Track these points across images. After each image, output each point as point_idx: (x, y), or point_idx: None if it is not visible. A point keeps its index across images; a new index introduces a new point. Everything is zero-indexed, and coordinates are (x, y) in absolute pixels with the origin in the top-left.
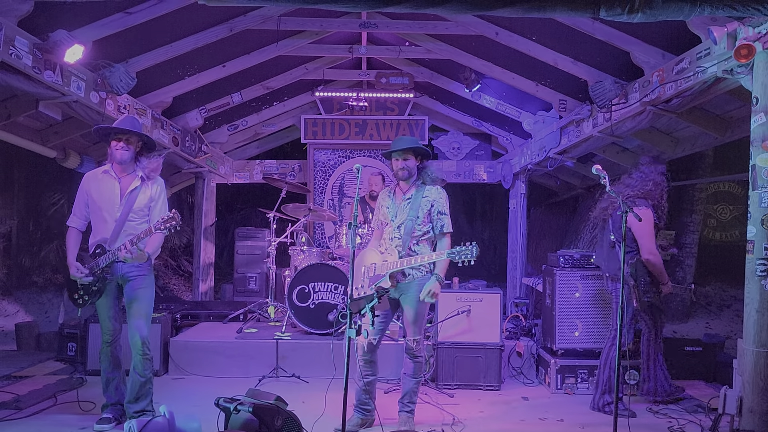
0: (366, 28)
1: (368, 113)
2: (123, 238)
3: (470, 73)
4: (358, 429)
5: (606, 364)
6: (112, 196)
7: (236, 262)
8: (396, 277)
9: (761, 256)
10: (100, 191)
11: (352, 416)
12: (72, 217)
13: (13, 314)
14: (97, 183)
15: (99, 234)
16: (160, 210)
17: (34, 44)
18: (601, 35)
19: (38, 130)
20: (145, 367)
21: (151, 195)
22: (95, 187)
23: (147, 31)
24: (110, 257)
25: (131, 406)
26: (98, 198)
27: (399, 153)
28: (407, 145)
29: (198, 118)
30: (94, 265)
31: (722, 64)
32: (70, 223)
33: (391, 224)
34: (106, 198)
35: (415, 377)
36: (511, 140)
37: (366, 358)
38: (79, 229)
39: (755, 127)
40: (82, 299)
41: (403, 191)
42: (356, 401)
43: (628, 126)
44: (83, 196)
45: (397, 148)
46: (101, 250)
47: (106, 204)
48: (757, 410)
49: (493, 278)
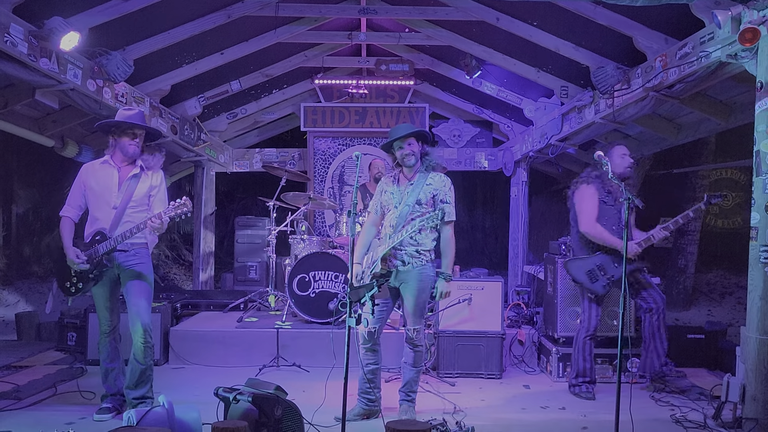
0: (365, 14)
1: (368, 101)
2: (124, 226)
3: (471, 59)
4: (360, 419)
5: (575, 348)
6: (110, 184)
7: (236, 251)
8: (388, 260)
9: (765, 243)
10: (98, 181)
11: (355, 405)
12: (66, 207)
13: (13, 304)
14: (95, 173)
15: (97, 223)
16: (161, 199)
17: (29, 31)
18: (603, 20)
19: (36, 118)
20: (146, 355)
21: (151, 184)
22: (93, 177)
23: (144, 18)
24: (111, 244)
25: (130, 392)
26: (97, 187)
27: (400, 140)
28: (407, 131)
29: (197, 106)
30: (93, 252)
31: (726, 48)
32: (63, 213)
33: (394, 211)
34: (105, 186)
35: (415, 366)
36: (513, 127)
37: (367, 347)
38: (72, 219)
39: (759, 113)
40: (75, 287)
41: (407, 178)
42: (359, 390)
43: (631, 112)
44: (80, 186)
45: (398, 136)
46: (101, 236)
47: (105, 192)
48: (760, 398)
49: (495, 266)
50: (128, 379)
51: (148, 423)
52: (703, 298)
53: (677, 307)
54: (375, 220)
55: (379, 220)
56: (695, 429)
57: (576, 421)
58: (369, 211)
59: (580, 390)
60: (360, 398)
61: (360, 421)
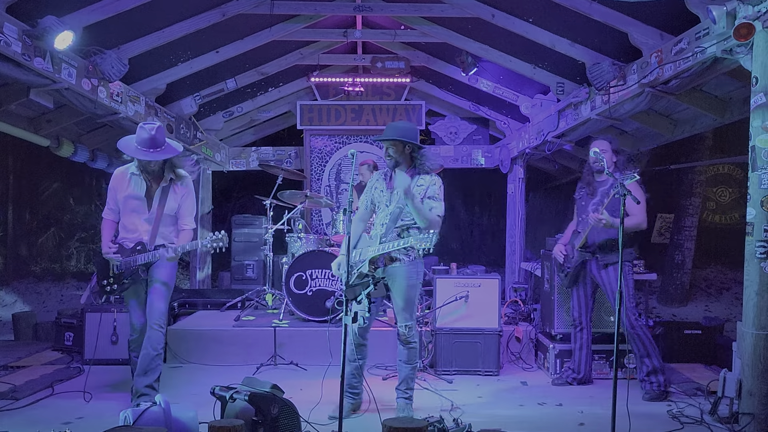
0: (361, 11)
1: (364, 98)
2: (159, 239)
3: (466, 56)
4: (350, 414)
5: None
6: (138, 195)
7: (233, 249)
8: (376, 262)
9: (761, 238)
10: (127, 191)
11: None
12: (106, 210)
13: (10, 304)
14: (125, 183)
15: (130, 232)
16: (189, 209)
17: (23, 31)
18: (598, 16)
19: (31, 118)
20: (158, 340)
21: (181, 194)
22: (121, 187)
23: (138, 17)
24: (149, 257)
25: (141, 380)
26: (127, 196)
27: (383, 142)
28: (392, 136)
29: (192, 104)
30: (132, 261)
31: (721, 43)
32: (105, 216)
33: (385, 210)
34: (135, 196)
35: (410, 363)
36: (509, 124)
37: (356, 342)
38: (113, 221)
39: (755, 108)
40: (110, 287)
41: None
42: (346, 385)
43: (627, 108)
44: (113, 193)
45: (382, 137)
46: (142, 247)
47: (133, 203)
48: (756, 393)
49: (492, 263)
50: (139, 366)
51: (145, 422)
52: (701, 293)
53: (674, 302)
54: (364, 215)
55: (369, 215)
56: (692, 424)
57: (573, 417)
58: (358, 205)
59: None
60: (347, 393)
61: (351, 417)
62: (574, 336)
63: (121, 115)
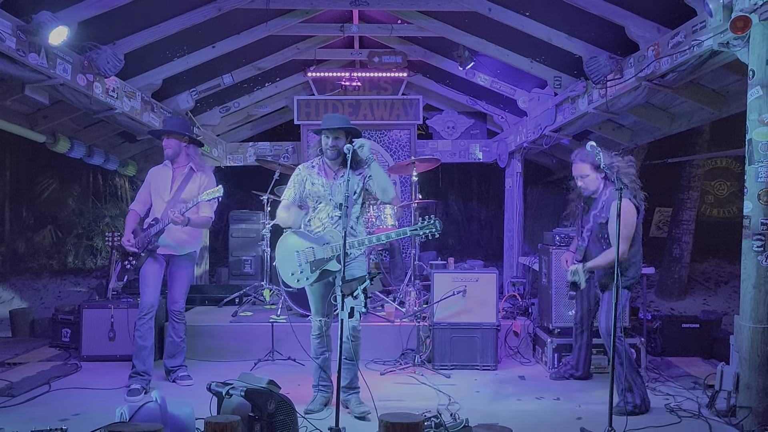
0: (357, 5)
1: (362, 93)
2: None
3: (463, 50)
4: (323, 408)
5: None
6: (165, 181)
7: (231, 245)
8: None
9: (758, 231)
10: (158, 180)
11: (316, 397)
12: (134, 202)
13: (8, 301)
14: (156, 174)
15: (154, 213)
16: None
17: (17, 26)
18: (595, 9)
19: (26, 114)
20: (181, 330)
21: (200, 183)
22: (155, 177)
23: (134, 12)
24: (160, 226)
25: (169, 362)
26: (155, 185)
27: (329, 131)
28: (338, 125)
29: (189, 100)
30: (146, 235)
31: (718, 37)
32: (131, 207)
33: (329, 203)
34: (162, 183)
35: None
36: (507, 118)
37: (317, 333)
38: (137, 212)
39: (752, 101)
40: (130, 264)
41: (334, 170)
42: (316, 381)
43: (624, 102)
44: (147, 185)
45: (328, 126)
46: (155, 221)
47: (160, 188)
48: (753, 386)
49: (490, 258)
50: (166, 351)
51: (141, 418)
52: (699, 287)
53: (672, 296)
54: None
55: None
56: (689, 418)
57: (571, 411)
58: (284, 198)
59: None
60: (318, 388)
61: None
62: (575, 336)
63: (117, 110)
